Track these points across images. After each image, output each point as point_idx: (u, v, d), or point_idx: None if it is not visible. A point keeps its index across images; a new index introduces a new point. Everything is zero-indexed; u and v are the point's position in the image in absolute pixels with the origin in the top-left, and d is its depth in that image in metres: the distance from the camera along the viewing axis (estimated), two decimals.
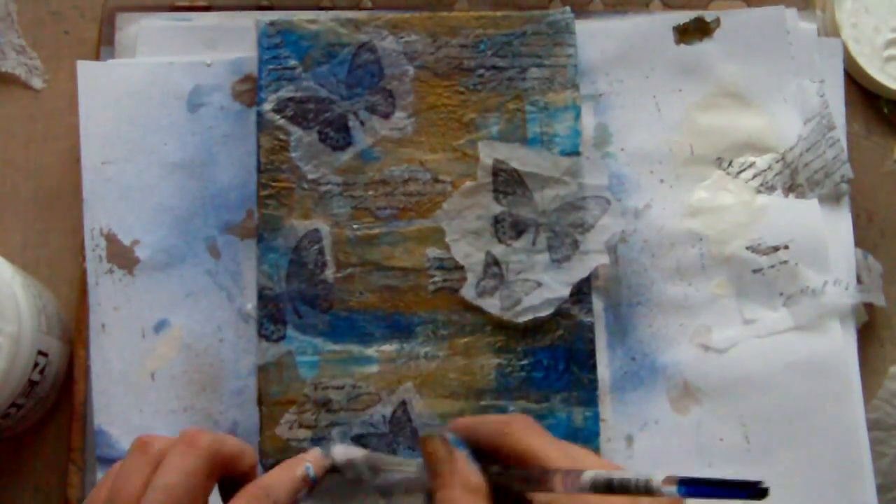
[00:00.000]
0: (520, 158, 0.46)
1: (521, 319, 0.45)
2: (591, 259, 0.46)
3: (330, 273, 0.45)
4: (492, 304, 0.45)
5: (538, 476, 0.33)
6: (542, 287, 0.45)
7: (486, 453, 0.35)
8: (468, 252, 0.45)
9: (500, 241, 0.45)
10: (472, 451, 0.34)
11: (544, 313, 0.45)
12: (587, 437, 0.45)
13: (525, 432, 0.35)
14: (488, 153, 0.45)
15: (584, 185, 0.46)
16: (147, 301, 0.47)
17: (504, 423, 0.35)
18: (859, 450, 0.47)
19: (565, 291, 0.45)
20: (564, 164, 0.46)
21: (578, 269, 0.45)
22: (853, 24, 0.52)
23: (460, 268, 0.45)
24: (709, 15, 0.50)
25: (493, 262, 0.45)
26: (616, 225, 0.47)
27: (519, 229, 0.45)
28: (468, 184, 0.46)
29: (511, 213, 0.46)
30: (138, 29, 0.49)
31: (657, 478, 0.29)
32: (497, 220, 0.46)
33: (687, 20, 0.50)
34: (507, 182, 0.46)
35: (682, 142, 0.49)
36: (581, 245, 0.46)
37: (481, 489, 0.34)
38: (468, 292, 0.45)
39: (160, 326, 0.47)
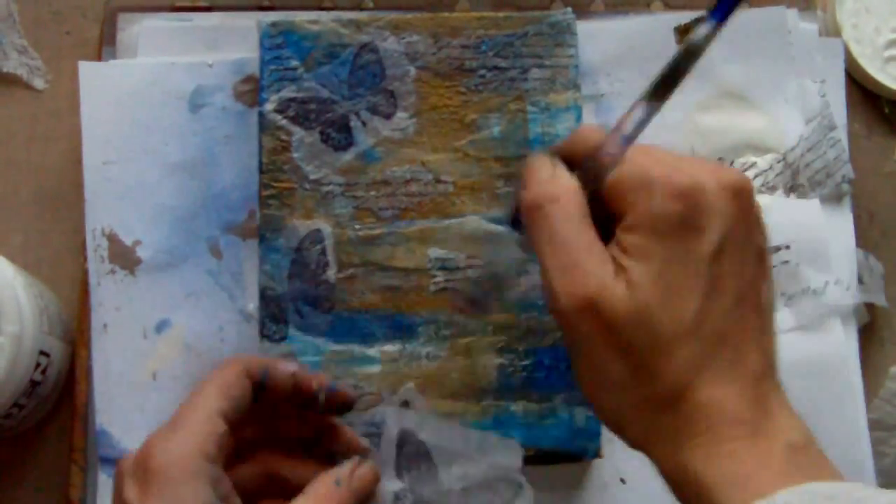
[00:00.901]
0: (430, 429, 0.43)
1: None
2: None
3: (332, 273, 0.45)
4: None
5: (595, 156, 0.34)
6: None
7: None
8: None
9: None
10: None
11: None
12: (588, 437, 0.45)
13: (591, 132, 0.36)
14: (396, 421, 0.43)
15: (494, 465, 0.43)
16: (149, 301, 0.47)
17: (574, 134, 0.37)
18: (860, 450, 0.47)
19: None
20: (476, 440, 0.43)
21: None
22: (854, 24, 0.52)
23: (462, 268, 0.45)
24: None
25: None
26: None
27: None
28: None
29: (413, 490, 0.42)
30: (140, 29, 0.49)
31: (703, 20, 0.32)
32: (397, 498, 0.42)
33: (688, 20, 0.50)
34: (412, 455, 0.43)
35: (683, 142, 0.49)
36: None
37: (572, 181, 0.35)
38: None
39: (162, 326, 0.47)
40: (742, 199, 0.33)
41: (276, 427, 0.40)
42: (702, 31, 0.32)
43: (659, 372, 0.33)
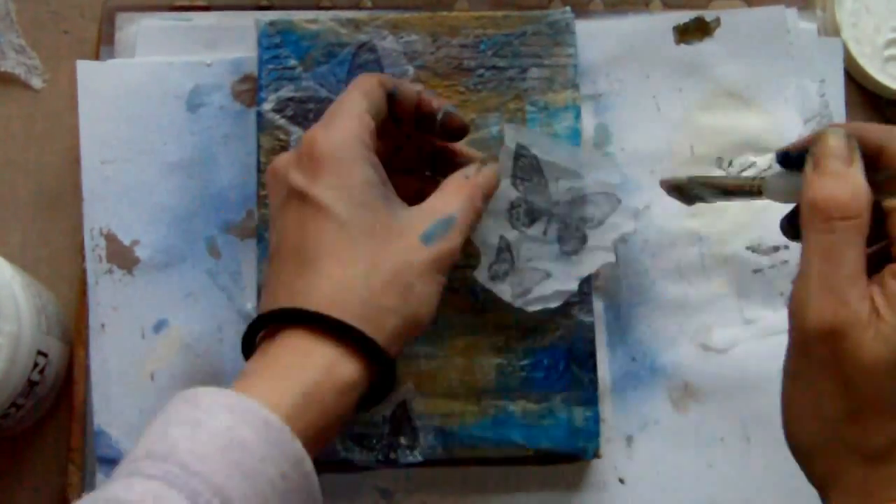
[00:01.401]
0: (541, 146, 0.45)
1: (531, 308, 0.44)
2: (598, 256, 0.45)
3: None
4: (503, 290, 0.44)
5: None
6: (550, 278, 0.45)
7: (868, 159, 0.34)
8: (483, 233, 0.45)
9: (513, 226, 0.45)
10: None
11: (553, 304, 0.44)
12: (587, 437, 0.44)
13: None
14: (512, 136, 0.44)
15: (597, 181, 0.46)
16: (147, 301, 0.47)
17: (890, 128, 0.35)
18: None
19: (573, 285, 0.44)
20: (581, 158, 0.45)
21: (585, 265, 0.45)
22: (853, 23, 0.52)
23: (461, 268, 0.45)
24: (709, 15, 0.50)
25: (505, 247, 0.45)
26: (625, 225, 0.46)
27: (532, 217, 0.45)
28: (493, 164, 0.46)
29: (526, 199, 0.45)
30: (138, 29, 0.49)
31: None
32: (513, 206, 0.45)
33: (687, 20, 0.50)
34: (526, 168, 0.45)
35: (682, 142, 0.49)
36: (589, 240, 0.45)
37: (869, 196, 0.33)
38: (481, 275, 0.44)
39: (160, 326, 0.47)
40: None
41: (401, 147, 0.43)
42: None
43: (878, 427, 0.32)
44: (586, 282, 0.45)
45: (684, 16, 0.50)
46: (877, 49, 0.52)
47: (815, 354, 0.32)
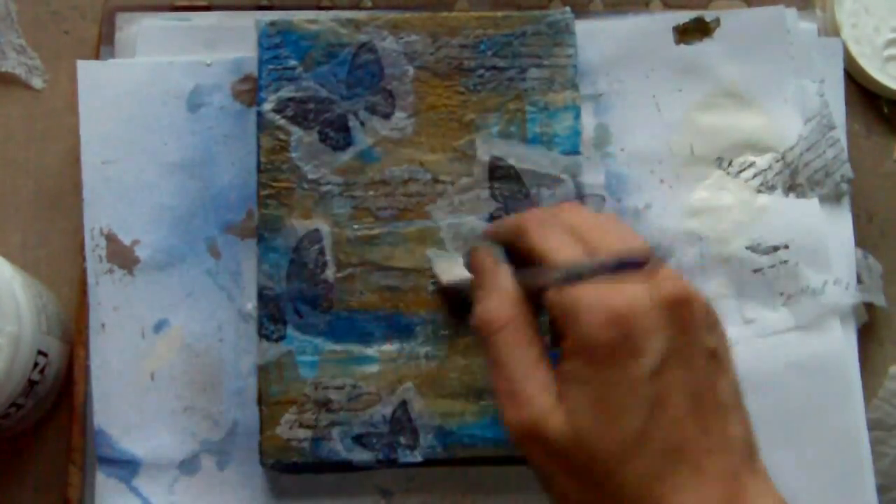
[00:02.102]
0: (517, 155, 0.46)
1: None
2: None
3: (330, 273, 0.45)
4: None
5: (537, 276, 0.35)
6: None
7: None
8: (463, 247, 0.45)
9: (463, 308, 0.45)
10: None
11: (540, 316, 0.45)
12: None
13: (538, 232, 0.36)
14: (486, 150, 0.45)
15: (581, 184, 0.46)
16: (147, 301, 0.47)
17: (516, 224, 0.38)
18: (859, 450, 0.47)
19: None
20: (562, 162, 0.46)
21: None
22: (853, 23, 0.52)
23: None
24: (709, 15, 0.50)
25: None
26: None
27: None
28: (465, 180, 0.46)
29: (507, 209, 0.46)
30: (138, 29, 0.49)
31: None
32: (493, 217, 0.46)
33: (687, 20, 0.50)
34: (504, 178, 0.46)
35: (682, 142, 0.49)
36: None
37: (521, 301, 0.36)
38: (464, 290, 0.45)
39: (160, 326, 0.47)
40: (682, 309, 0.33)
41: None
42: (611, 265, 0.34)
43: (611, 490, 0.33)
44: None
45: (684, 16, 0.50)
46: (877, 49, 0.52)
47: (532, 456, 0.34)
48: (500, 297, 0.36)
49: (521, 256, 0.37)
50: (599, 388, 0.32)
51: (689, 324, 0.33)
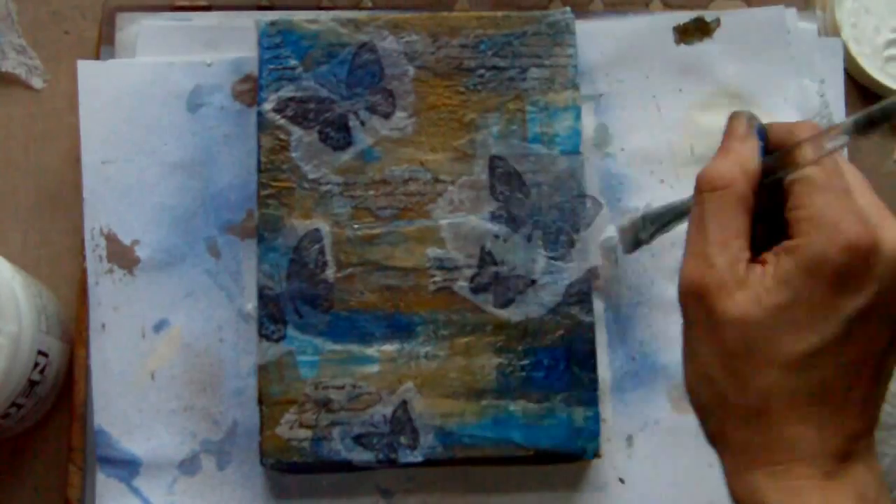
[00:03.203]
0: (517, 155, 0.46)
1: (515, 319, 0.45)
2: (586, 260, 0.46)
3: (330, 273, 0.45)
4: (486, 300, 0.45)
5: (790, 151, 0.34)
6: (535, 285, 0.45)
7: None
8: (464, 247, 0.45)
9: (495, 235, 0.45)
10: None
11: (537, 313, 0.45)
12: (587, 437, 0.45)
13: (802, 126, 0.35)
14: (486, 149, 0.45)
15: (581, 185, 0.46)
16: (147, 301, 0.47)
17: (791, 126, 0.36)
18: None
19: (560, 291, 0.45)
20: (562, 162, 0.46)
21: (573, 269, 0.45)
22: (853, 23, 0.52)
23: (460, 268, 0.45)
24: (709, 15, 0.50)
25: (488, 258, 0.45)
26: (611, 228, 0.47)
27: (515, 225, 0.45)
28: (465, 179, 0.46)
29: (508, 208, 0.46)
30: (138, 29, 0.49)
31: None
32: (493, 216, 0.46)
33: (687, 20, 0.50)
34: (504, 177, 0.46)
35: (682, 142, 0.49)
36: (577, 244, 0.46)
37: (754, 173, 0.35)
38: (462, 287, 0.45)
39: (160, 326, 0.47)
40: None
41: None
42: None
43: (750, 386, 0.33)
44: (586, 282, 0.46)
45: (684, 16, 0.50)
46: (877, 49, 0.52)
47: (690, 315, 0.34)
48: (735, 161, 0.35)
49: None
50: (801, 299, 0.32)
51: None
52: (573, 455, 0.45)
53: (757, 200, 0.35)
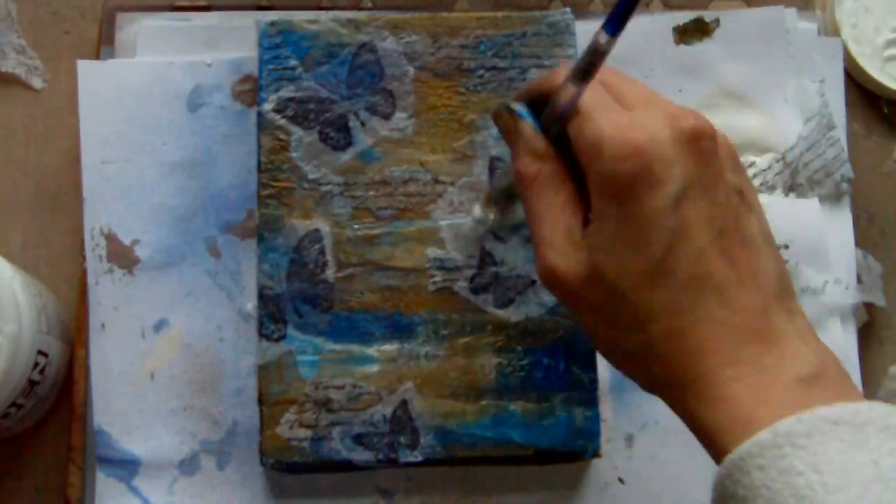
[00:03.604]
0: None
1: (515, 318, 0.45)
2: None
3: (330, 273, 0.45)
4: (485, 300, 0.45)
5: (552, 107, 0.35)
6: (535, 285, 0.45)
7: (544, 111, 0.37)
8: (463, 247, 0.45)
9: (495, 236, 0.45)
10: (536, 116, 0.37)
11: (537, 313, 0.45)
12: (587, 436, 0.44)
13: (558, 73, 0.36)
14: (486, 150, 0.45)
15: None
16: (147, 301, 0.47)
17: (549, 73, 0.37)
18: None
19: None
20: None
21: None
22: (853, 23, 0.52)
23: (460, 268, 0.45)
24: (708, 15, 0.50)
25: (488, 259, 0.45)
26: None
27: (515, 225, 0.45)
28: (465, 180, 0.46)
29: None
30: (138, 29, 0.49)
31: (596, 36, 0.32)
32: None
33: (687, 20, 0.50)
34: (504, 177, 0.46)
35: None
36: None
37: (546, 153, 0.36)
38: (462, 288, 0.45)
39: (160, 326, 0.47)
40: (704, 142, 0.33)
41: None
42: (599, 40, 0.33)
43: (634, 323, 0.33)
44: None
45: (684, 16, 0.50)
46: (877, 49, 0.52)
47: (558, 298, 0.36)
48: (527, 151, 0.36)
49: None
50: (620, 222, 0.32)
51: (712, 157, 0.33)
52: (573, 455, 0.45)
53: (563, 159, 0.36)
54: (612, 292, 0.33)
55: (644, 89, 0.36)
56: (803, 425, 0.29)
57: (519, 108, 0.37)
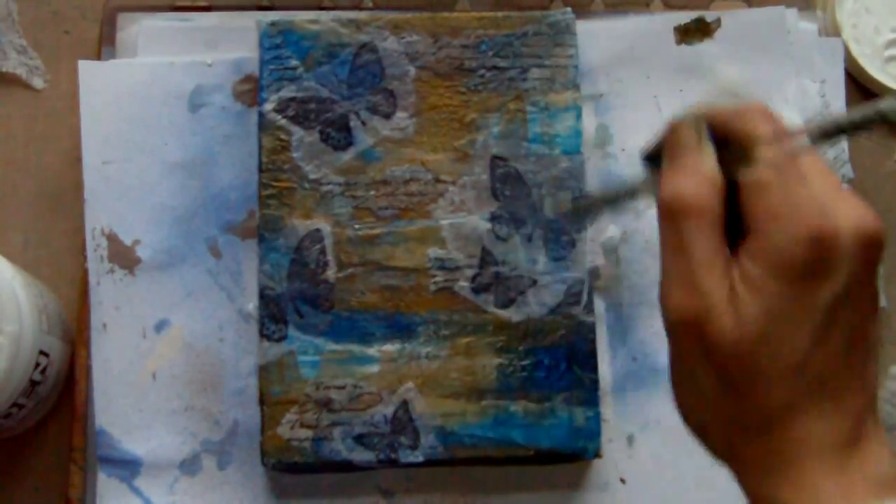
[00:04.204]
0: (518, 155, 0.46)
1: (516, 318, 0.45)
2: (588, 259, 0.46)
3: (331, 273, 0.45)
4: (486, 300, 0.45)
5: (747, 150, 0.33)
6: (537, 285, 0.45)
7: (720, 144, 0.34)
8: (464, 247, 0.45)
9: (496, 236, 0.45)
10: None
11: (538, 313, 0.45)
12: (588, 437, 0.45)
13: (755, 116, 0.34)
14: (487, 150, 0.46)
15: (582, 185, 0.46)
16: (148, 301, 0.47)
17: (737, 109, 0.35)
18: None
19: (561, 291, 0.45)
20: (563, 162, 0.46)
21: (575, 269, 0.45)
22: (854, 24, 0.52)
23: (461, 268, 0.45)
24: (709, 15, 0.50)
25: (489, 258, 0.45)
26: (612, 228, 0.47)
27: (516, 225, 0.45)
28: (466, 179, 0.46)
29: (509, 208, 0.46)
30: (139, 29, 0.49)
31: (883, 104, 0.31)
32: (494, 217, 0.46)
33: (687, 20, 0.50)
34: (505, 177, 0.46)
35: None
36: (577, 244, 0.46)
37: (720, 186, 0.33)
38: (463, 287, 0.45)
39: (161, 326, 0.47)
40: (875, 249, 0.32)
41: None
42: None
43: (754, 403, 0.32)
44: (587, 282, 0.46)
45: (685, 16, 0.50)
46: (877, 49, 0.52)
47: (684, 344, 0.33)
48: (700, 178, 0.33)
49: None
50: (777, 302, 0.31)
51: (873, 264, 0.32)
52: (574, 455, 0.45)
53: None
54: (750, 372, 0.32)
55: (824, 165, 0.34)
56: None
57: (702, 129, 0.34)
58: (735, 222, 0.33)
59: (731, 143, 0.34)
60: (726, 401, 0.33)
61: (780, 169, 0.32)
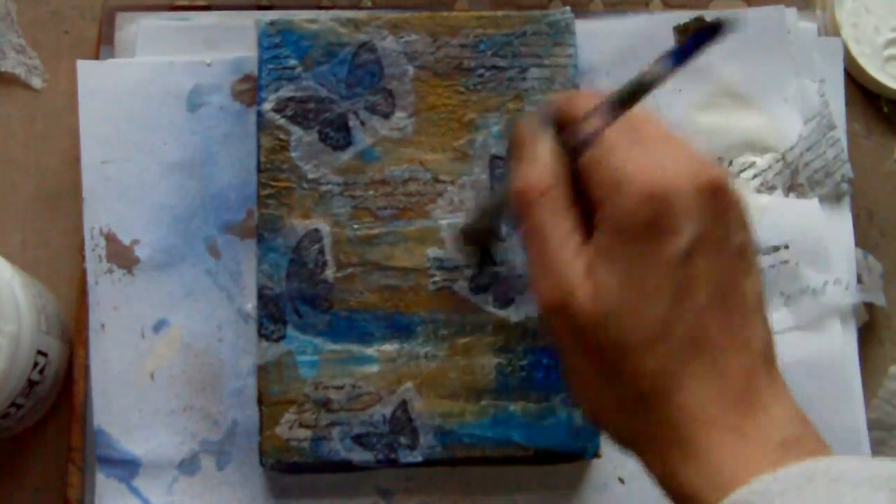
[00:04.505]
0: None
1: (515, 318, 0.45)
2: None
3: (330, 273, 0.45)
4: (485, 300, 0.45)
5: (572, 132, 0.34)
6: None
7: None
8: (463, 247, 0.45)
9: (495, 236, 0.45)
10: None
11: (537, 313, 0.45)
12: (587, 436, 0.44)
13: (581, 98, 0.35)
14: (486, 149, 0.45)
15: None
16: (146, 301, 0.47)
17: (570, 98, 0.36)
18: (860, 450, 0.47)
19: None
20: None
21: None
22: (853, 23, 0.52)
23: (460, 268, 0.45)
24: (709, 15, 0.50)
25: (487, 258, 0.45)
26: None
27: (514, 226, 0.45)
28: (465, 179, 0.46)
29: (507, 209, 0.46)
30: (138, 28, 0.49)
31: (650, 65, 0.31)
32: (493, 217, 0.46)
33: (687, 20, 0.50)
34: (504, 177, 0.46)
35: None
36: None
37: (562, 171, 0.34)
38: (462, 287, 0.45)
39: (160, 326, 0.47)
40: (719, 197, 0.32)
41: None
42: (657, 69, 0.32)
43: (629, 375, 0.32)
44: None
45: (684, 16, 0.50)
46: (877, 49, 0.52)
47: (556, 330, 0.34)
48: (539, 165, 0.34)
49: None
50: (629, 267, 0.31)
51: (725, 214, 0.32)
52: (573, 455, 0.45)
53: (572, 184, 0.34)
54: (615, 341, 0.32)
55: (664, 128, 0.35)
56: (778, 483, 0.29)
57: (546, 122, 0.35)
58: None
59: (567, 128, 0.35)
60: (606, 380, 0.33)
61: (612, 141, 0.33)
